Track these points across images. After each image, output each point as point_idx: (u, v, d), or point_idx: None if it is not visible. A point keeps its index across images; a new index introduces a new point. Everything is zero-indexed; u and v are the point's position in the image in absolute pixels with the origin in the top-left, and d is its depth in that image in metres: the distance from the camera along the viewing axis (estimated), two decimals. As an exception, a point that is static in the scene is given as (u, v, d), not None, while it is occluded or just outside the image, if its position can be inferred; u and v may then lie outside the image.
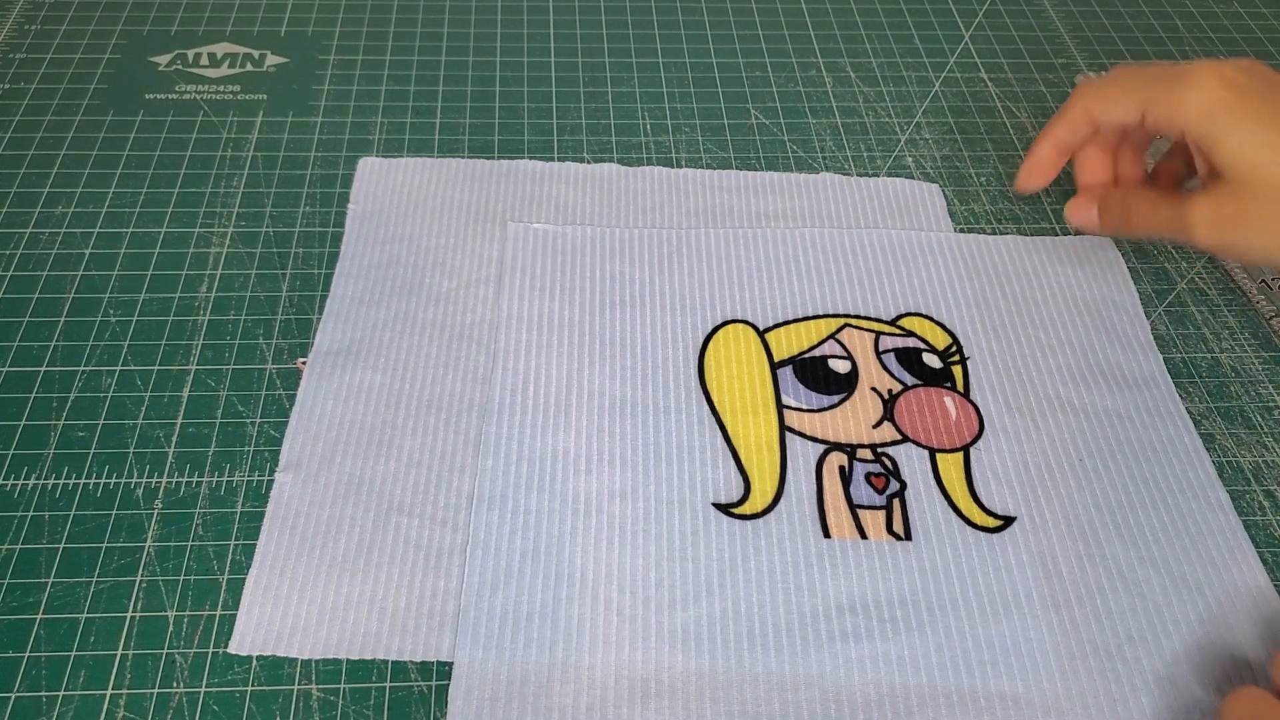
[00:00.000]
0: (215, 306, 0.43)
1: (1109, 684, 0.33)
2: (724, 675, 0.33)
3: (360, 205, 0.47)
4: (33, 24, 0.57)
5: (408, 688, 0.33)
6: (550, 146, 0.51)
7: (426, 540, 0.36)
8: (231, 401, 0.40)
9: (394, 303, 0.43)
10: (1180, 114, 0.38)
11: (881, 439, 0.39)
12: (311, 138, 0.51)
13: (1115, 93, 0.40)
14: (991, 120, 0.54)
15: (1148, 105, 0.39)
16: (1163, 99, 0.38)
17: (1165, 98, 0.38)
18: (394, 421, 0.39)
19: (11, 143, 0.50)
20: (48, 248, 0.45)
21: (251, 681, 0.33)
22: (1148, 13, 0.63)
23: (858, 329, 0.43)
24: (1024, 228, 0.48)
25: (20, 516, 0.36)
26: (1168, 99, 0.38)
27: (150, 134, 0.51)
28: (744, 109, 0.54)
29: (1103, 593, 0.35)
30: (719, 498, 0.37)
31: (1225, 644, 0.34)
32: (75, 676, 0.32)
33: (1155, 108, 0.39)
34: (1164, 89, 0.38)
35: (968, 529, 0.37)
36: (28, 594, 0.34)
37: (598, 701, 0.32)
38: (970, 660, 0.34)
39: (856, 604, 0.35)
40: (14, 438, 0.38)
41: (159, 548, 0.36)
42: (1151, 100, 0.39)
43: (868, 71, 0.57)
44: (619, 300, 0.44)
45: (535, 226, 0.47)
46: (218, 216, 0.47)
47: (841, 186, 0.50)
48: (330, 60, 0.56)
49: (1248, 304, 0.46)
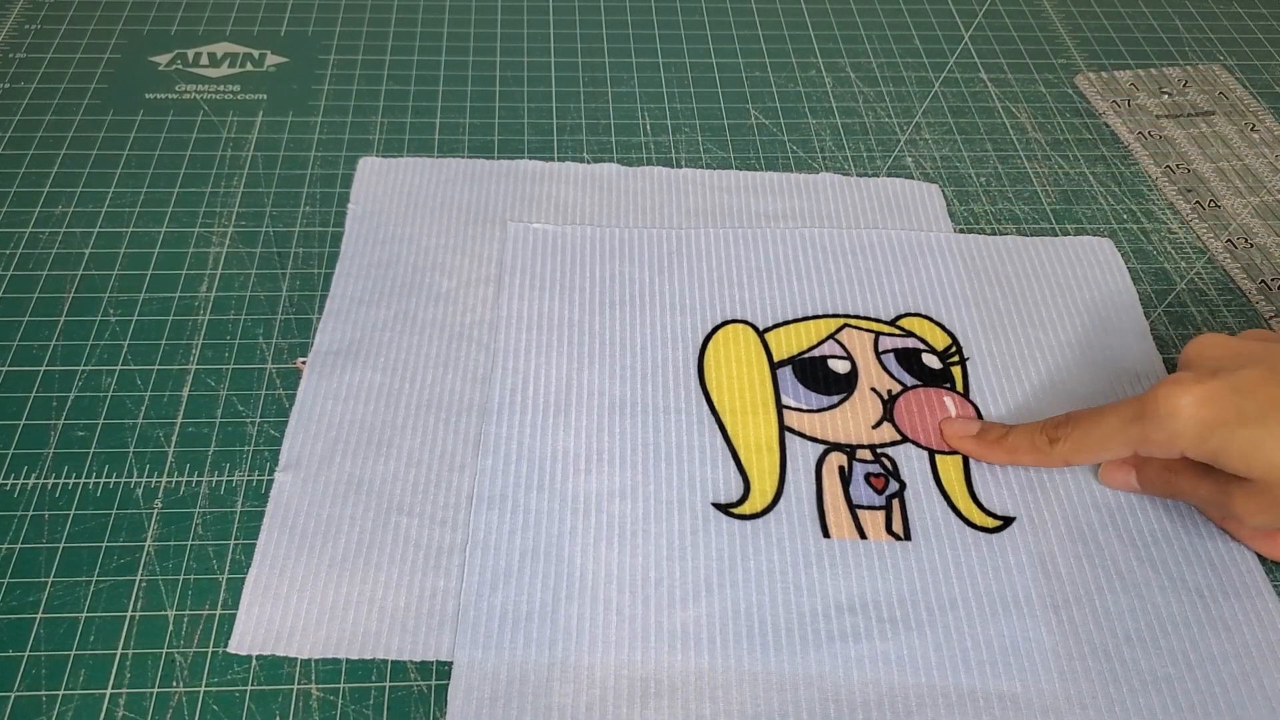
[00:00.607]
0: (215, 306, 0.43)
1: (1107, 684, 0.33)
2: (723, 675, 0.33)
3: (360, 205, 0.47)
4: (33, 24, 0.57)
5: (407, 687, 0.33)
6: (550, 146, 0.51)
7: (426, 540, 0.36)
8: (231, 401, 0.40)
9: (394, 302, 0.43)
10: (1175, 445, 0.34)
11: (881, 439, 0.39)
12: (311, 138, 0.51)
13: (1094, 445, 0.37)
14: (991, 120, 0.55)
15: (1138, 447, 0.35)
16: (1145, 439, 0.35)
17: (1146, 437, 0.35)
18: (393, 421, 0.39)
19: (11, 142, 0.50)
20: (48, 248, 0.45)
21: (251, 681, 0.33)
22: (1148, 13, 0.63)
23: (857, 329, 0.43)
24: (1024, 228, 0.48)
25: (20, 516, 0.36)
26: (1149, 439, 0.35)
27: (150, 134, 0.51)
28: (744, 109, 0.54)
29: (1101, 593, 0.35)
30: (719, 497, 0.37)
31: (1224, 645, 0.34)
32: (75, 676, 0.32)
33: (1147, 447, 0.35)
34: (1140, 429, 0.35)
35: (967, 529, 0.37)
36: (27, 593, 0.34)
37: (597, 701, 0.32)
38: (969, 660, 0.34)
39: (856, 604, 0.35)
40: (14, 437, 0.38)
41: (159, 547, 0.36)
42: (1138, 443, 0.35)
43: (868, 71, 0.57)
44: (619, 300, 0.44)
45: (535, 226, 0.47)
46: (218, 216, 0.47)
47: (841, 186, 0.50)
48: (330, 60, 0.56)
49: (1247, 304, 0.46)
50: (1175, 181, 0.51)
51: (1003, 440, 0.39)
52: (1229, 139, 0.54)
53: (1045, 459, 0.38)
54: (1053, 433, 0.38)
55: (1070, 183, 0.51)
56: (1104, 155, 0.53)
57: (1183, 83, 0.58)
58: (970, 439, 0.39)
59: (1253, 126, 0.55)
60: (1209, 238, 0.49)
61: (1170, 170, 0.52)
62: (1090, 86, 0.57)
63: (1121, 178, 0.52)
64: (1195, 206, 0.50)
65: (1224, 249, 0.48)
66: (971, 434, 0.39)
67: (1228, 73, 0.58)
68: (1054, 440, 0.37)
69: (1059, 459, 0.38)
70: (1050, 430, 0.38)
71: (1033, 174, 0.51)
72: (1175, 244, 0.48)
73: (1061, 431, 0.37)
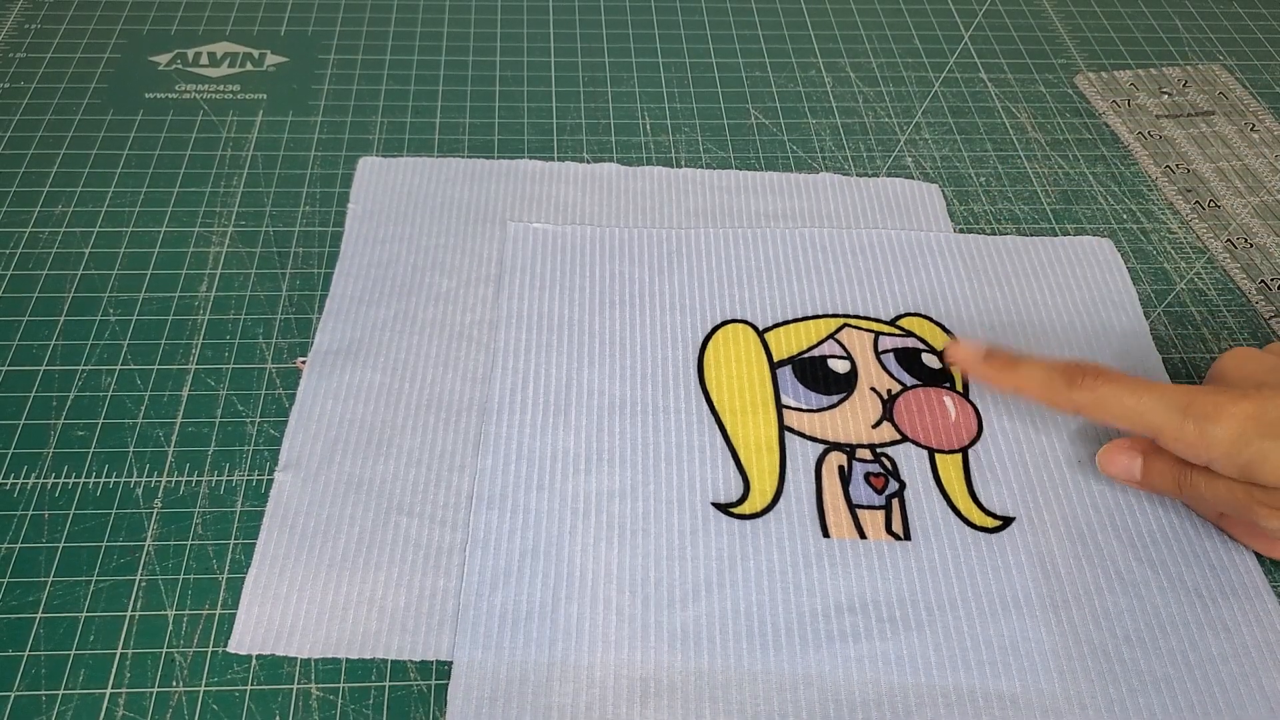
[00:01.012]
0: (215, 306, 0.43)
1: (1106, 684, 0.33)
2: (723, 674, 0.33)
3: (360, 205, 0.47)
4: (33, 24, 0.57)
5: (407, 687, 0.33)
6: (550, 146, 0.51)
7: (426, 539, 0.36)
8: (231, 401, 0.40)
9: (393, 302, 0.43)
10: (1206, 451, 0.34)
11: (881, 439, 0.39)
12: (311, 137, 0.51)
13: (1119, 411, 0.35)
14: (991, 120, 0.55)
15: (1161, 436, 0.35)
16: (1176, 433, 0.34)
17: (1178, 432, 0.34)
18: (393, 421, 0.39)
19: (11, 142, 0.50)
20: (48, 247, 0.45)
21: (251, 680, 0.33)
22: (1148, 13, 0.63)
23: (857, 329, 0.43)
24: (1023, 228, 0.48)
25: (20, 515, 0.36)
26: (1180, 435, 0.34)
27: (150, 133, 0.51)
28: (744, 109, 0.54)
29: (1100, 593, 0.35)
30: (718, 497, 0.37)
31: (1223, 645, 0.34)
32: (75, 675, 0.32)
33: (1172, 442, 0.34)
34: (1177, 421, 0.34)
35: (967, 529, 0.37)
36: (27, 593, 0.34)
37: (597, 700, 0.32)
38: (969, 660, 0.34)
39: (855, 604, 0.35)
40: (14, 437, 0.38)
41: (158, 547, 0.36)
42: (1164, 432, 0.34)
43: (867, 71, 0.57)
44: (619, 300, 0.44)
45: (535, 226, 0.47)
46: (217, 216, 0.47)
47: (841, 186, 0.50)
48: (330, 60, 0.56)
49: (1247, 304, 0.46)
50: (1175, 181, 0.51)
51: (1013, 367, 0.37)
52: (1229, 139, 0.54)
53: (1057, 399, 0.36)
54: (1076, 377, 0.36)
55: (1070, 183, 0.51)
56: (1104, 155, 0.53)
57: (1183, 83, 0.58)
58: (977, 360, 0.37)
59: (1253, 126, 0.55)
60: (1209, 238, 0.49)
61: (1170, 170, 0.52)
62: (1090, 86, 0.57)
63: (1121, 178, 0.52)
64: (1195, 206, 0.50)
65: (1224, 249, 0.48)
66: (979, 355, 0.37)
67: (1228, 73, 0.58)
68: (1073, 385, 0.36)
69: (1071, 405, 0.36)
70: (1073, 373, 0.36)
71: (1033, 174, 0.51)
72: (1175, 244, 0.48)
73: (1087, 381, 0.35)
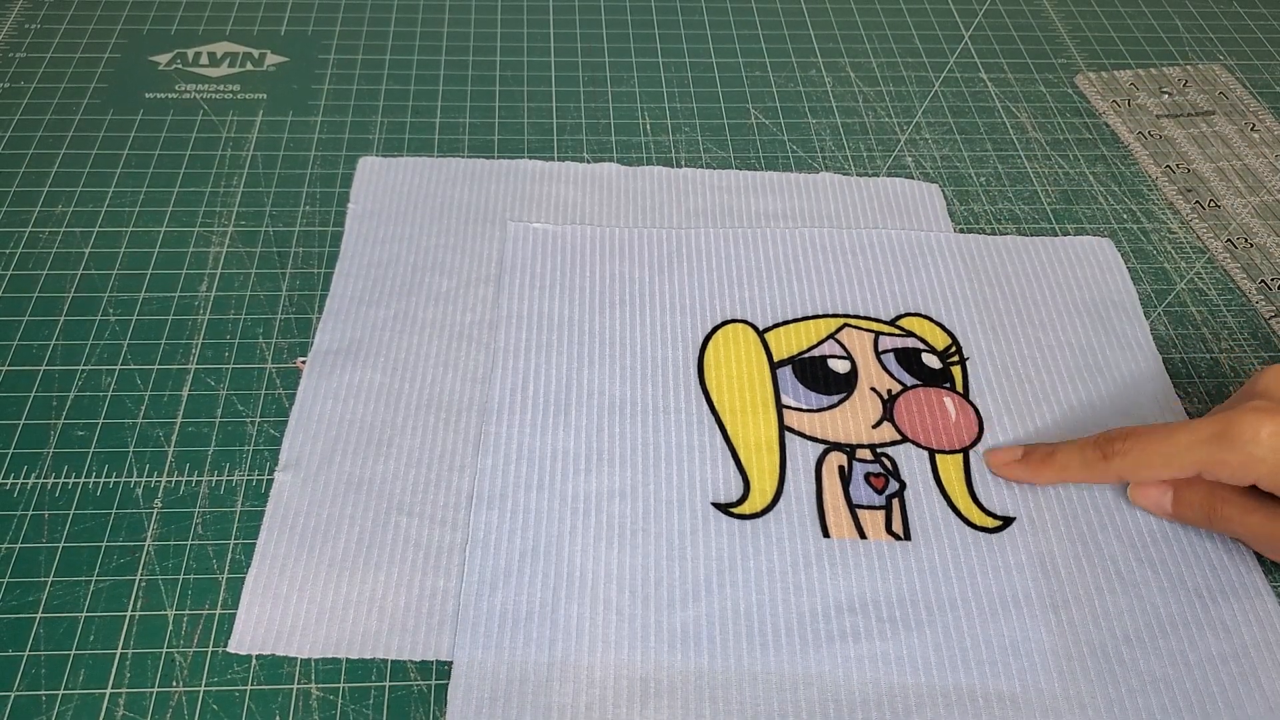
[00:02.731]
0: (215, 306, 0.43)
1: (1106, 684, 0.33)
2: (723, 675, 0.33)
3: (360, 205, 0.47)
4: (33, 24, 0.57)
5: (407, 687, 0.33)
6: (550, 146, 0.51)
7: (426, 539, 0.36)
8: (231, 401, 0.40)
9: (393, 302, 0.43)
10: (1251, 472, 0.34)
11: (881, 439, 0.39)
12: (311, 137, 0.51)
13: (1157, 462, 0.36)
14: (991, 120, 0.55)
15: (1204, 469, 0.35)
16: (1219, 462, 0.34)
17: (1220, 460, 0.34)
18: (393, 421, 0.39)
19: (11, 142, 0.50)
20: (48, 247, 0.45)
21: (251, 680, 0.33)
22: (1148, 13, 0.63)
23: (857, 329, 0.43)
24: (1024, 228, 0.48)
25: (20, 515, 0.36)
26: (1223, 461, 0.34)
27: (150, 133, 0.51)
28: (744, 109, 0.54)
29: (1100, 593, 0.35)
30: (718, 497, 0.37)
31: (1222, 646, 0.34)
32: (75, 675, 0.32)
33: (1215, 471, 0.35)
34: (1215, 451, 0.34)
35: (967, 529, 0.37)
36: (27, 593, 0.34)
37: (597, 701, 0.32)
38: (969, 660, 0.34)
39: (855, 604, 0.35)
40: (14, 437, 0.38)
41: (158, 547, 0.36)
42: (1206, 464, 0.35)
43: (867, 71, 0.57)
44: (619, 300, 0.44)
45: (535, 226, 0.47)
46: (217, 216, 0.47)
47: (841, 186, 0.50)
48: (330, 60, 0.56)
49: (1247, 304, 0.46)
50: (1175, 181, 0.51)
51: (1050, 459, 0.38)
52: (1229, 139, 0.54)
53: (1098, 474, 0.37)
54: (1107, 447, 0.36)
55: (1070, 183, 0.51)
56: (1104, 155, 0.53)
57: (1183, 83, 0.58)
58: (1016, 464, 0.38)
59: (1253, 126, 0.55)
60: (1209, 238, 0.49)
61: (1170, 170, 0.52)
62: (1090, 86, 0.57)
63: (1121, 178, 0.52)
64: (1195, 206, 0.50)
65: (1224, 249, 0.48)
66: (1016, 458, 0.38)
67: (1228, 73, 0.58)
68: (1109, 455, 0.36)
69: (1113, 475, 0.37)
70: (1104, 445, 0.37)
71: (1033, 174, 0.51)
72: (1175, 244, 0.48)
73: (1118, 446, 0.36)
